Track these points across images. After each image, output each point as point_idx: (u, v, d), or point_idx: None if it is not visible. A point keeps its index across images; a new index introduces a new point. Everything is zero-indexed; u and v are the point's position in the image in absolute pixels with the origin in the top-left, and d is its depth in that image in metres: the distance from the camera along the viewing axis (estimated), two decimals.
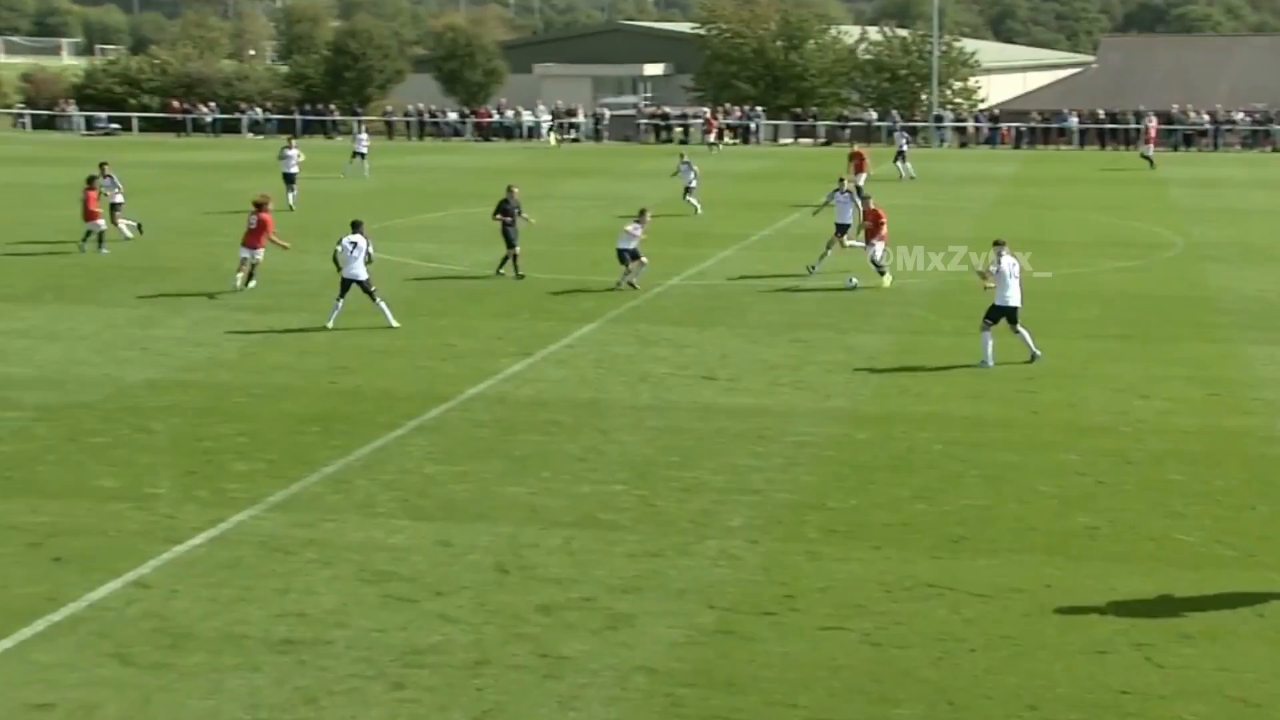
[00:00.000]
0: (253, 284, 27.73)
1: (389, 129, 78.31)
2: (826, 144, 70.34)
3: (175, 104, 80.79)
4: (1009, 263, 21.24)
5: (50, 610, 11.73)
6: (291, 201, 41.52)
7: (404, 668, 10.79)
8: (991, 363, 21.11)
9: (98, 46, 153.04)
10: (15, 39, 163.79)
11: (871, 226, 28.19)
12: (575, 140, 74.91)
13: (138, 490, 15.01)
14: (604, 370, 21.09)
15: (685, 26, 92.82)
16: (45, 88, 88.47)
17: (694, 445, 16.98)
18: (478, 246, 34.17)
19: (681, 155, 41.83)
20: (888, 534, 13.81)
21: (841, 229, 30.24)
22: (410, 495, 14.99)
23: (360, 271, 23.88)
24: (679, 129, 73.86)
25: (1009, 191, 48.63)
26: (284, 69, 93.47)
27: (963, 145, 73.42)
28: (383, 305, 23.99)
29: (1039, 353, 21.40)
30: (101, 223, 32.73)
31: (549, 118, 77.14)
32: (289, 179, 42.22)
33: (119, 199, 35.08)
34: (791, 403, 19.12)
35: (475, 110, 79.37)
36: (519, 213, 29.87)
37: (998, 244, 21.56)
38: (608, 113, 77.45)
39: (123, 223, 34.85)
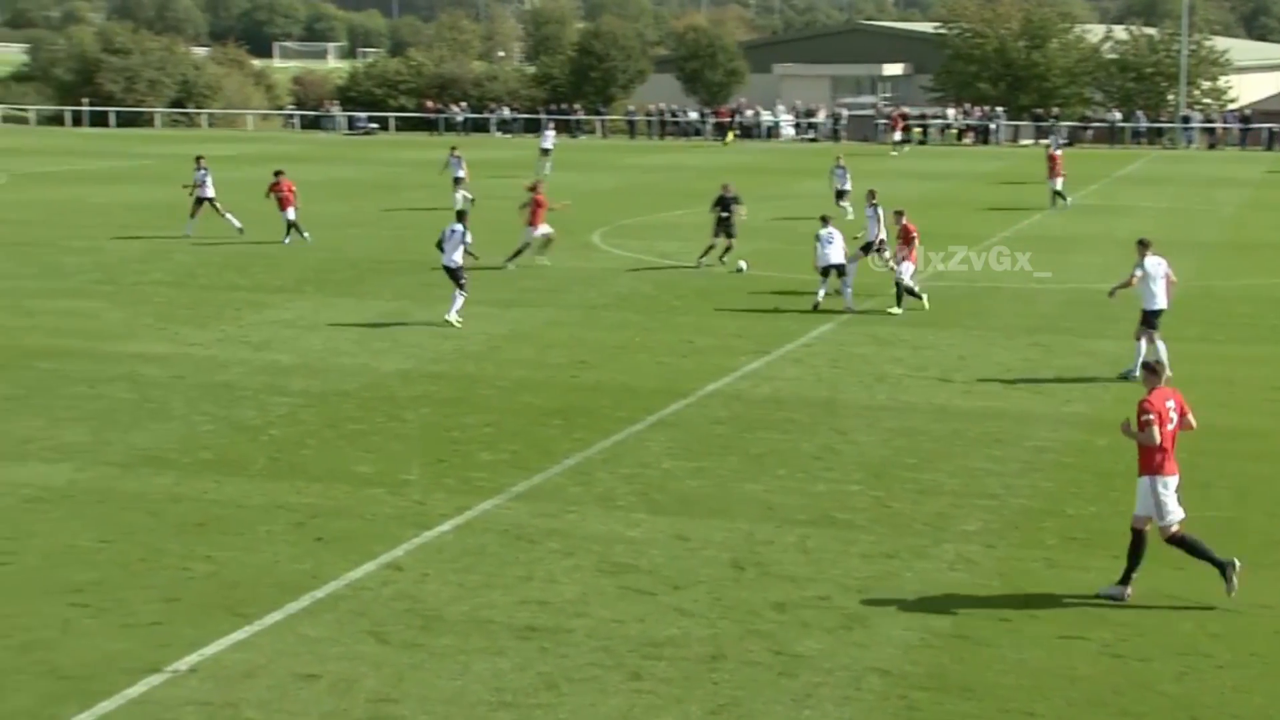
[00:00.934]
0: (546, 260, 29.46)
1: (630, 128, 79.19)
2: (1069, 144, 68.32)
3: (429, 104, 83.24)
4: (1154, 263, 19.97)
5: (314, 587, 12.21)
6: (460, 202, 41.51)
7: (641, 659, 10.89)
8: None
9: (360, 50, 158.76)
10: (288, 44, 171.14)
11: (903, 244, 25.36)
12: (814, 140, 74.51)
13: (391, 476, 15.51)
14: (840, 370, 20.92)
15: (925, 26, 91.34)
16: (312, 89, 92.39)
17: (930, 447, 16.71)
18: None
19: (837, 158, 40.65)
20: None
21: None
22: (649, 489, 15.13)
23: (456, 259, 24.26)
24: (917, 129, 72.72)
25: (1260, 195, 46.43)
26: (531, 70, 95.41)
27: (1211, 146, 70.49)
28: (460, 299, 24.09)
29: (1137, 372, 18.04)
30: (291, 212, 33.80)
31: (788, 116, 76.93)
32: (457, 181, 41.50)
33: (209, 193, 35.33)
34: (1029, 407, 18.65)
35: (715, 110, 79.63)
36: (737, 204, 30.00)
37: (1142, 244, 20.15)
38: (845, 112, 76.79)
39: (230, 215, 35.40)
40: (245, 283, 28.37)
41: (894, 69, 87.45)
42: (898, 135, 66.13)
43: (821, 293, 25.73)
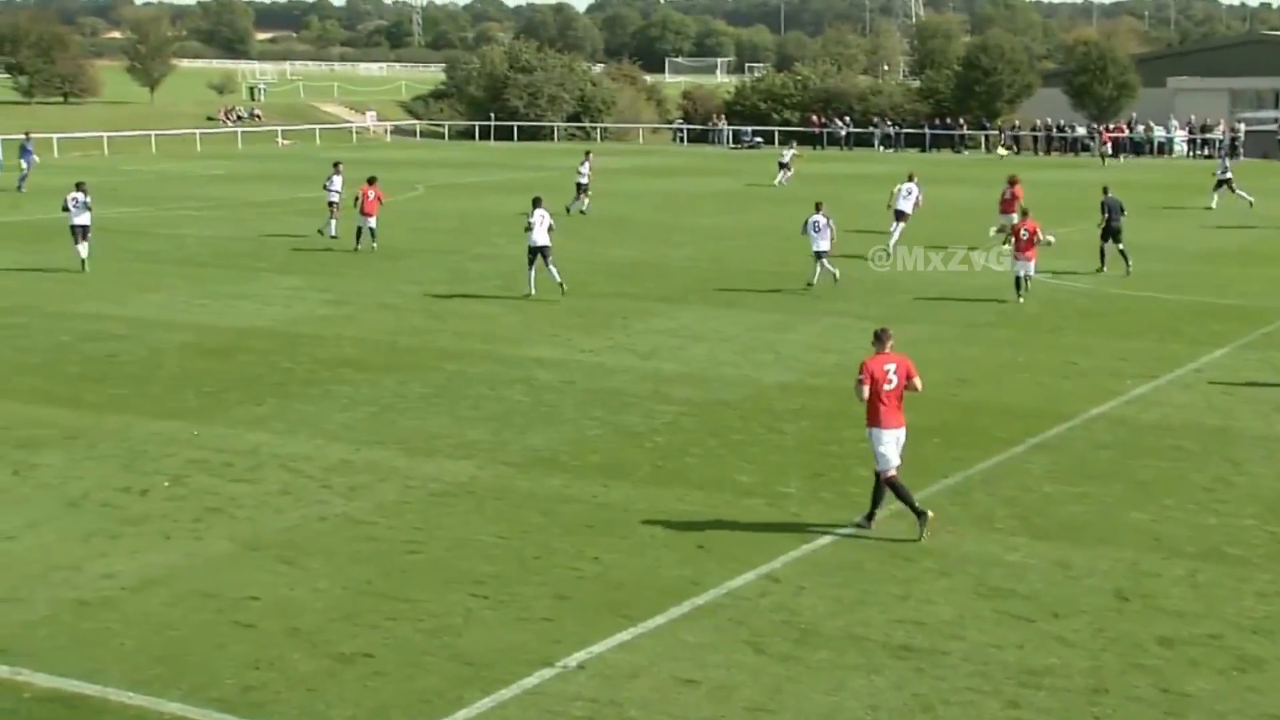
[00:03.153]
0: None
1: (1015, 143, 77.00)
2: None
3: (814, 118, 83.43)
4: None
5: (695, 594, 12.41)
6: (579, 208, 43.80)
7: (1019, 686, 10.54)
8: None
9: (747, 65, 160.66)
10: (679, 59, 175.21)
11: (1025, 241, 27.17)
12: (1209, 157, 70.46)
13: (770, 487, 15.59)
14: (1234, 398, 19.68)
15: None
16: (701, 104, 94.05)
17: None
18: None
19: (910, 176, 36.61)
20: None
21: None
22: (1028, 513, 14.64)
23: (542, 238, 27.84)
24: None
25: None
26: (915, 84, 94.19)
27: None
28: (554, 270, 27.87)
29: None
30: (372, 220, 34.93)
31: (1182, 133, 73.13)
32: (580, 188, 44.34)
33: (334, 198, 37.36)
34: None
35: (1105, 125, 76.45)
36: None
37: None
38: (1244, 128, 72.24)
39: (334, 222, 37.09)
40: (634, 291, 29.17)
41: None
42: (1108, 148, 62.51)
43: None
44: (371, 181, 36.24)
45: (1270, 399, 19.55)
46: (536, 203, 28.52)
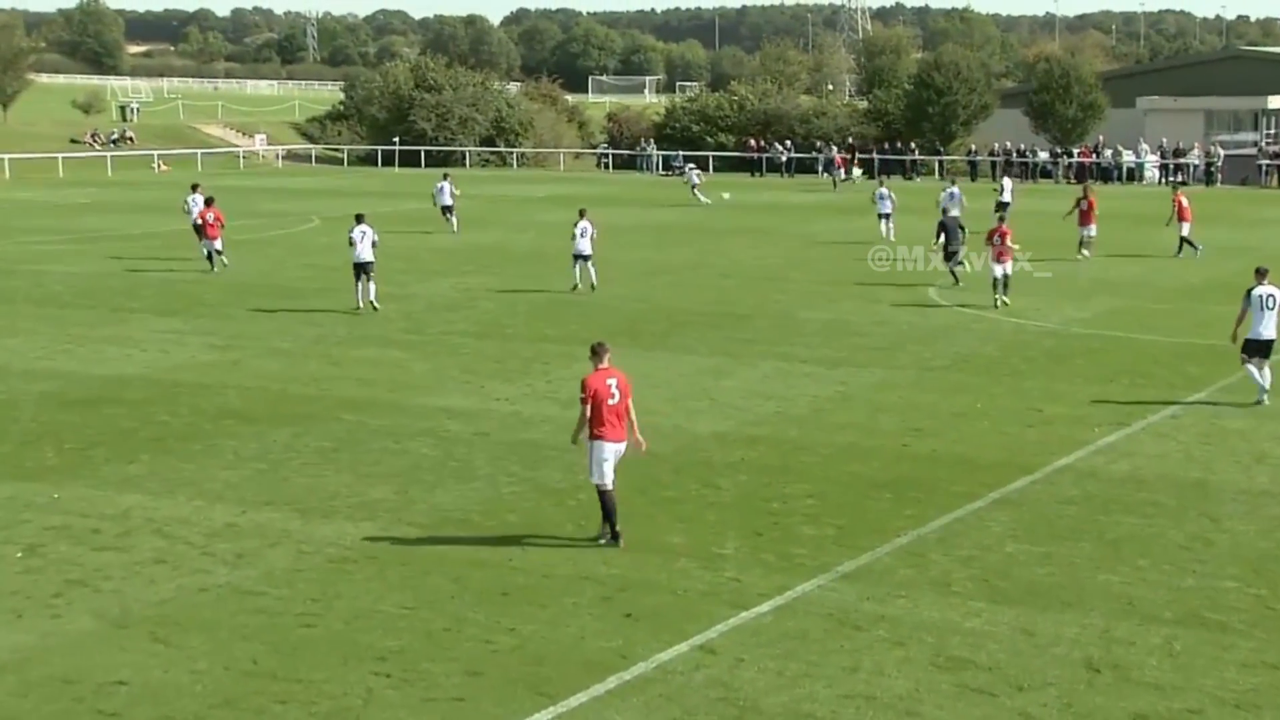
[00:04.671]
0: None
1: (972, 169, 78.18)
2: None
3: (752, 142, 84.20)
4: (1265, 293, 22.20)
5: (622, 668, 12.41)
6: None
7: None
8: (1264, 398, 22.33)
9: (678, 83, 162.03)
10: (603, 78, 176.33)
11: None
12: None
13: (705, 549, 15.66)
14: (1212, 447, 20.04)
15: None
16: (628, 126, 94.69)
17: None
18: (1070, 300, 33.44)
19: (954, 181, 41.07)
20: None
21: None
22: (989, 575, 14.81)
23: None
24: None
25: None
26: (863, 104, 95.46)
27: None
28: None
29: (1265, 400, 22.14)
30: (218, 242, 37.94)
31: (1153, 157, 74.60)
32: (445, 210, 49.15)
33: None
34: None
35: (1068, 149, 77.82)
36: None
37: (1260, 271, 22.65)
38: (1222, 151, 73.85)
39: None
40: (555, 334, 29.24)
41: None
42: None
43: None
44: (209, 203, 38.34)
45: (1251, 449, 19.93)
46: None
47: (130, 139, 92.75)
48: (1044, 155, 78.64)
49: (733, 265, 40.25)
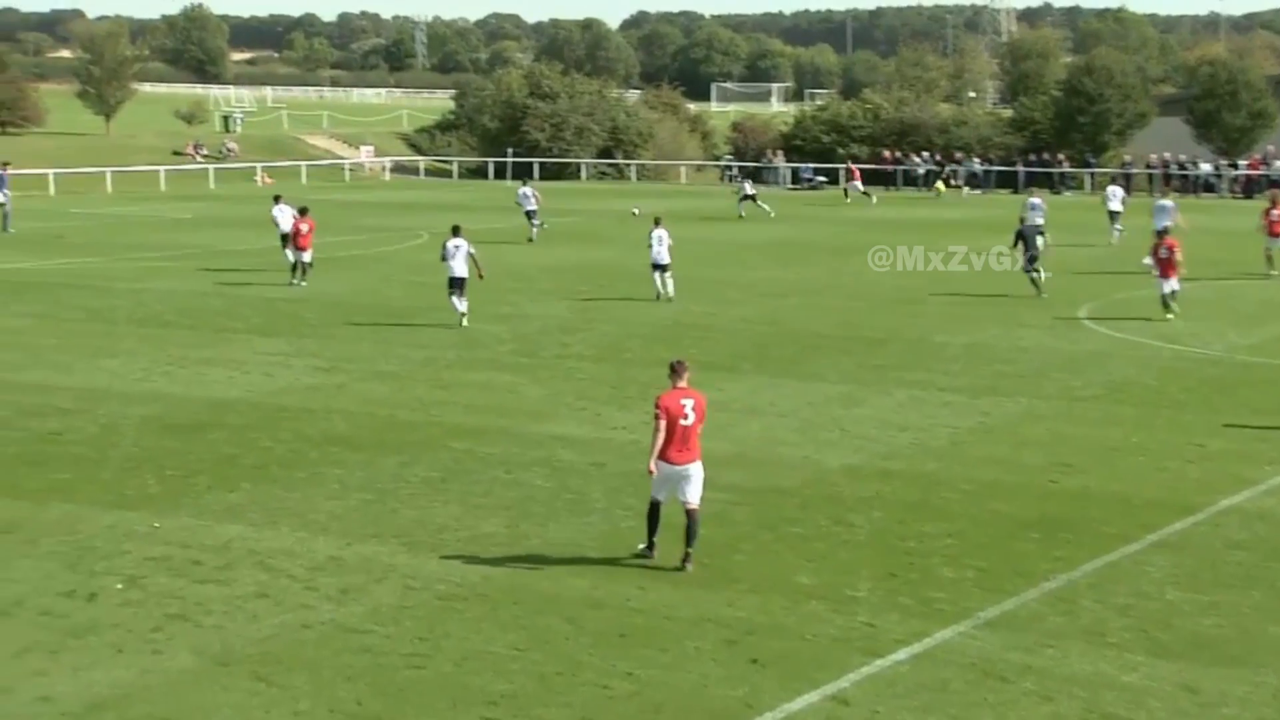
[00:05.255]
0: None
1: (1126, 181, 77.13)
2: None
3: (886, 154, 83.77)
4: None
5: (746, 717, 12.38)
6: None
7: None
8: None
9: (807, 91, 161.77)
10: (727, 85, 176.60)
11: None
12: None
13: (836, 591, 15.57)
14: None
15: None
16: (753, 137, 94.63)
17: None
18: (1235, 325, 32.86)
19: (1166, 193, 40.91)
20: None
21: None
22: (1148, 625, 14.55)
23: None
24: None
25: None
26: (1007, 113, 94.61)
27: None
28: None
29: None
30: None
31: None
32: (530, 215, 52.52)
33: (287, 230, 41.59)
34: None
35: (1234, 160, 76.45)
36: None
37: None
38: None
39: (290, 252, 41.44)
40: (675, 358, 29.21)
41: None
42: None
43: None
44: (304, 213, 39.81)
45: None
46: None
47: (232, 151, 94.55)
48: (1207, 168, 77.27)
49: (864, 286, 40.06)
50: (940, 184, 77.71)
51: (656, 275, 36.73)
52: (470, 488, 19.72)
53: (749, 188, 65.61)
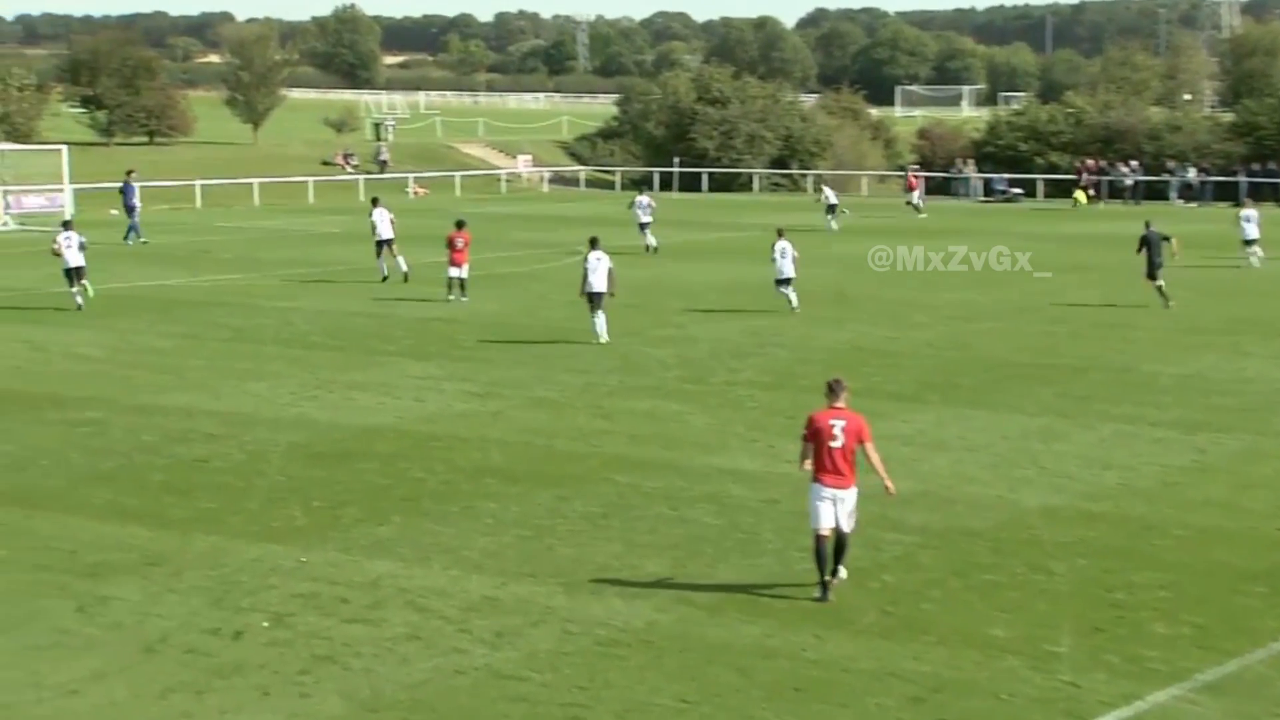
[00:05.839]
0: None
1: None
2: None
3: (1090, 162, 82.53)
4: None
5: None
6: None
7: None
8: None
9: (1001, 94, 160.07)
10: (914, 88, 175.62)
11: None
12: None
13: (1034, 645, 15.34)
14: None
15: None
16: (942, 145, 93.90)
17: None
18: None
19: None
20: None
21: None
22: None
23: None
24: None
25: None
26: (1227, 117, 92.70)
27: None
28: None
29: None
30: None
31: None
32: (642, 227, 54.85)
33: (384, 235, 44.84)
34: None
35: None
36: None
37: None
38: None
39: (383, 263, 45.01)
40: (857, 385, 28.96)
41: None
42: None
43: None
44: (461, 226, 40.78)
45: None
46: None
47: (384, 161, 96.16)
48: None
49: (1065, 309, 39.50)
50: (1079, 194, 76.61)
51: (781, 290, 38.06)
52: (633, 524, 19.79)
53: (832, 196, 65.60)
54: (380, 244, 45.18)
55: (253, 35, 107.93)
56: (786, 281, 37.99)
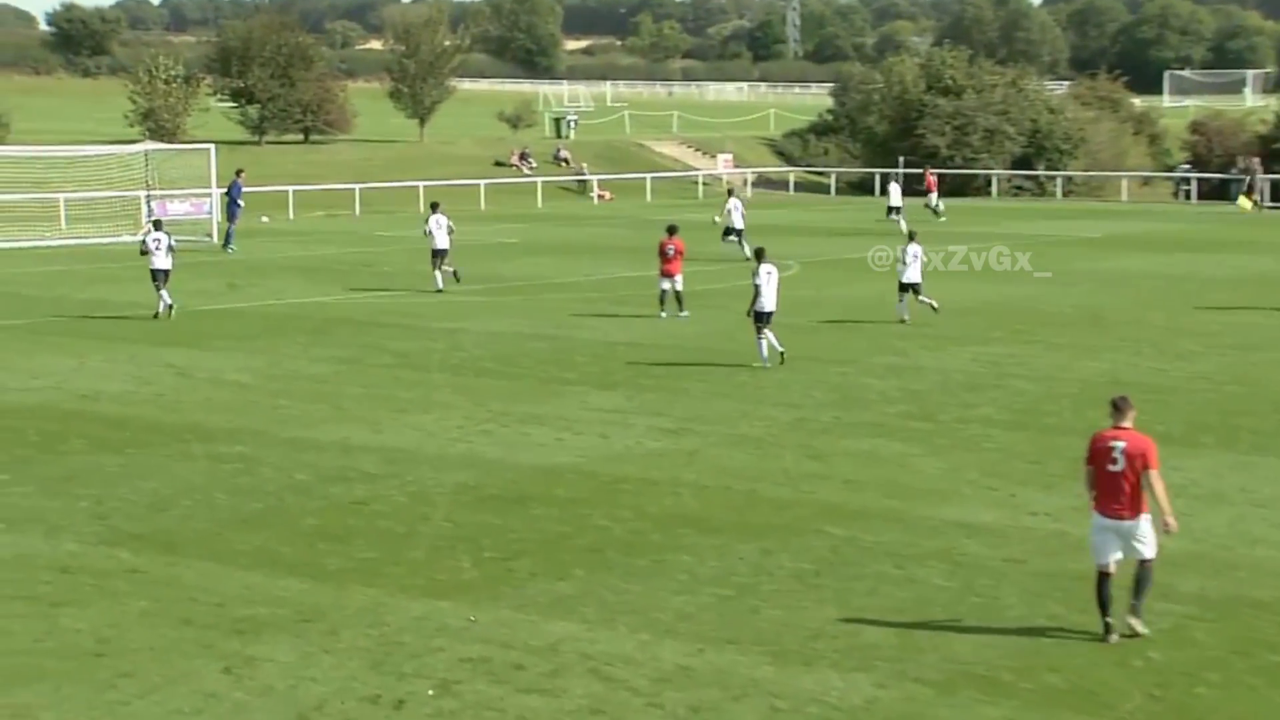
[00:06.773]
0: None
1: None
2: None
3: None
4: None
5: None
6: None
7: None
8: None
9: None
10: (1186, 74, 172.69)
11: None
12: None
13: None
14: None
15: None
16: (1220, 141, 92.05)
17: None
18: None
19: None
20: None
21: None
22: None
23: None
24: None
25: None
26: None
27: None
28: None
29: None
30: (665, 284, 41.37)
31: None
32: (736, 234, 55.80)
33: (440, 244, 46.99)
34: None
35: None
36: None
37: None
38: None
39: (438, 274, 47.06)
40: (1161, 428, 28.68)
41: None
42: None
43: None
44: (673, 232, 41.82)
45: None
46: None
47: (566, 161, 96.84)
48: None
49: None
50: (1243, 199, 74.81)
51: (905, 295, 40.62)
52: (850, 585, 19.68)
53: (896, 197, 65.28)
54: (436, 253, 46.78)
55: (420, 19, 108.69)
56: (909, 287, 40.37)
